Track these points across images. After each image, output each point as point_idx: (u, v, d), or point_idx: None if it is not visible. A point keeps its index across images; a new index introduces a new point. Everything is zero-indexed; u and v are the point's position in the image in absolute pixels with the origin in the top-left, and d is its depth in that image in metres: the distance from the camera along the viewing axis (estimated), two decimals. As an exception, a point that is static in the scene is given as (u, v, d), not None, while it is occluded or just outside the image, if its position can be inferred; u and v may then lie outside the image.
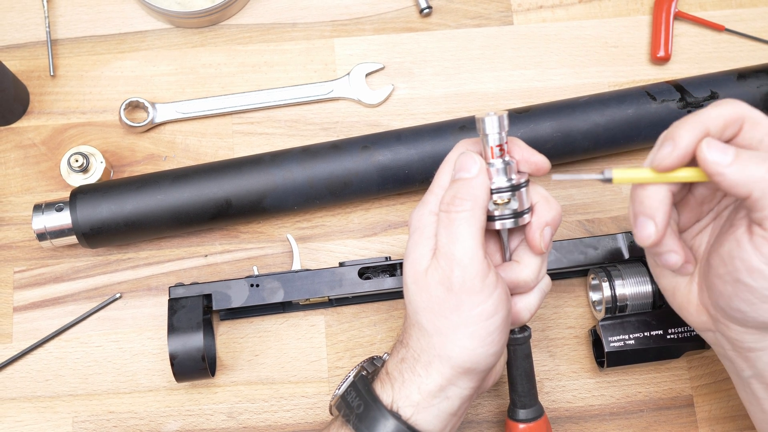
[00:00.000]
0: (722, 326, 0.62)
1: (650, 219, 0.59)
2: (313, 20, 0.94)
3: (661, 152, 0.58)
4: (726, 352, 0.64)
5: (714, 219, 0.65)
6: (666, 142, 0.58)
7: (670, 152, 0.57)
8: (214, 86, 0.92)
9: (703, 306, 0.63)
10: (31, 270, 0.86)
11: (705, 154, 0.56)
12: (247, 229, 0.87)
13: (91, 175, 0.86)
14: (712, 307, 0.62)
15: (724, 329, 0.62)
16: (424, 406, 0.62)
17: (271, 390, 0.83)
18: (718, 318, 0.62)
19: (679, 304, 0.66)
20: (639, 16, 0.96)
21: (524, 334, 0.71)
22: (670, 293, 0.66)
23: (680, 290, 0.65)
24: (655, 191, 0.59)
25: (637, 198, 0.60)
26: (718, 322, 0.62)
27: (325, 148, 0.83)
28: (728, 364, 0.66)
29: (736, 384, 0.67)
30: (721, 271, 0.58)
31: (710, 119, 0.57)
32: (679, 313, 0.67)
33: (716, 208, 0.65)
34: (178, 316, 0.77)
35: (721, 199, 0.64)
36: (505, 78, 0.93)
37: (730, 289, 0.58)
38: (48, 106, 0.91)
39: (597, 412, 0.82)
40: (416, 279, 0.63)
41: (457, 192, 0.62)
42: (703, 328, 0.65)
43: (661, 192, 0.59)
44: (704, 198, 0.64)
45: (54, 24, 0.93)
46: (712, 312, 0.62)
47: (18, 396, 0.82)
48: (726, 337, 0.62)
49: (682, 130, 0.57)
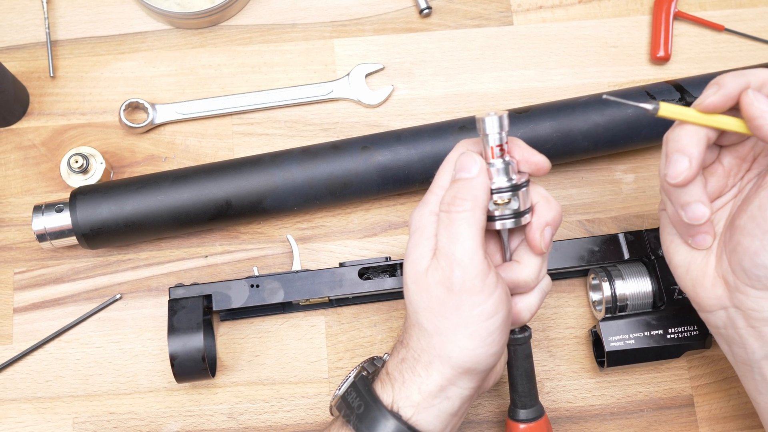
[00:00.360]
0: (739, 296, 0.62)
1: (685, 155, 0.59)
2: (312, 21, 0.94)
3: (707, 92, 0.59)
4: (738, 332, 0.63)
5: (735, 196, 0.65)
6: (711, 86, 0.60)
7: (715, 92, 0.59)
8: (213, 87, 0.92)
9: (720, 277, 0.63)
10: (31, 271, 0.86)
11: (750, 98, 0.58)
12: (247, 230, 0.87)
13: (91, 176, 0.86)
14: (731, 274, 0.62)
15: (742, 299, 0.62)
16: (425, 407, 0.62)
17: (272, 390, 0.83)
18: (737, 286, 0.62)
19: (693, 280, 0.66)
20: (639, 16, 0.96)
21: (525, 334, 0.71)
22: (684, 269, 0.66)
23: (695, 264, 0.65)
24: (694, 131, 0.60)
25: (674, 136, 0.61)
26: (736, 291, 0.62)
27: (325, 149, 0.83)
28: (738, 351, 0.65)
29: (743, 376, 0.67)
30: (751, 226, 0.60)
31: (752, 75, 0.60)
32: (690, 292, 0.66)
33: (739, 183, 0.65)
34: (179, 317, 0.77)
35: (745, 173, 0.65)
36: (504, 78, 0.93)
37: (758, 244, 0.59)
38: (48, 107, 0.91)
39: (597, 412, 0.82)
40: (416, 279, 0.63)
41: (457, 192, 0.62)
42: (716, 306, 0.64)
43: (699, 132, 0.60)
44: (731, 169, 0.65)
45: (54, 25, 0.93)
46: (730, 280, 0.62)
47: (18, 397, 0.82)
48: (742, 309, 0.62)
49: (728, 77, 0.59)
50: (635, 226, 0.88)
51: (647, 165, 0.90)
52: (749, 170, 0.65)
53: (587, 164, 0.90)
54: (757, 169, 0.64)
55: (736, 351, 0.66)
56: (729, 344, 0.66)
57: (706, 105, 0.59)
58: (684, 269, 0.66)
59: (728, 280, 0.63)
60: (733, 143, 0.64)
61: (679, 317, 0.79)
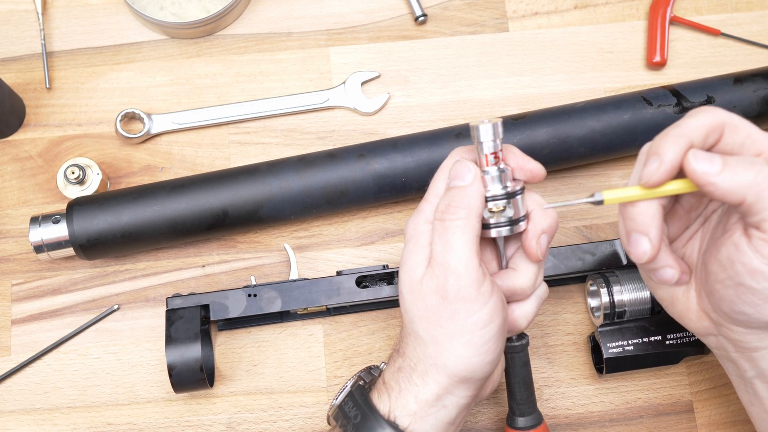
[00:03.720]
0: (725, 329, 0.62)
1: (644, 235, 0.59)
2: (308, 29, 0.94)
3: (649, 169, 0.57)
4: (729, 354, 0.64)
5: (702, 224, 0.65)
6: (651, 158, 0.58)
7: (657, 168, 0.57)
8: (210, 96, 0.92)
9: (703, 311, 0.63)
10: (28, 282, 0.86)
11: (693, 165, 0.56)
12: (245, 239, 0.87)
13: (88, 187, 0.86)
14: (713, 312, 0.62)
15: (727, 332, 0.62)
16: (422, 416, 0.62)
17: (270, 400, 0.82)
18: (721, 322, 0.61)
19: (679, 312, 0.66)
20: (634, 21, 0.96)
21: (522, 342, 0.71)
22: (669, 303, 0.66)
23: (678, 299, 0.65)
24: (647, 207, 0.59)
25: (628, 215, 0.60)
26: (720, 326, 0.62)
27: (322, 157, 0.83)
28: (730, 367, 0.66)
29: (738, 387, 0.67)
30: (722, 276, 0.58)
31: (691, 130, 0.57)
32: (679, 321, 0.66)
33: (704, 213, 0.65)
34: (176, 327, 0.77)
35: (707, 204, 0.64)
36: (500, 85, 0.93)
37: (733, 293, 0.58)
38: (44, 118, 0.91)
39: (596, 419, 0.82)
40: (412, 288, 0.62)
41: (451, 200, 0.62)
42: (705, 333, 0.64)
43: (652, 207, 0.59)
44: (692, 205, 0.64)
45: (49, 36, 0.93)
46: (713, 317, 0.62)
47: (17, 409, 0.82)
48: (729, 339, 0.62)
49: (666, 144, 0.57)
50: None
51: (644, 170, 0.90)
52: (711, 201, 0.64)
53: (584, 170, 0.90)
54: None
55: (729, 367, 0.66)
56: (722, 361, 0.67)
57: (652, 183, 0.57)
58: (669, 302, 0.66)
59: (711, 316, 0.62)
60: None
61: (678, 323, 0.78)
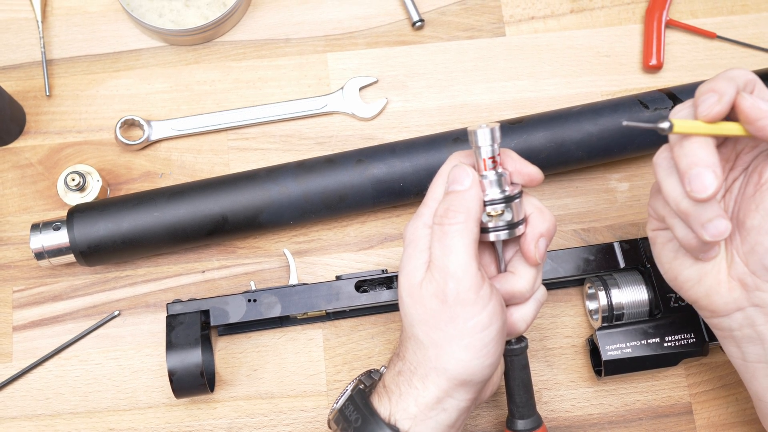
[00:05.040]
0: (760, 294, 0.61)
1: (708, 167, 0.57)
2: (306, 35, 0.95)
3: (708, 103, 0.58)
4: (756, 329, 0.63)
5: (723, 196, 0.64)
6: (708, 95, 0.58)
7: (718, 100, 0.57)
8: (208, 103, 0.92)
9: (736, 281, 0.62)
10: (29, 289, 0.86)
11: (749, 101, 0.58)
12: (244, 245, 0.88)
13: (88, 194, 0.86)
14: (750, 275, 0.61)
15: (764, 297, 0.61)
16: (422, 419, 0.63)
17: (271, 404, 0.83)
18: (758, 285, 0.61)
19: (706, 290, 0.64)
20: (630, 25, 0.96)
21: (521, 345, 0.71)
22: (694, 282, 0.65)
23: (707, 273, 0.64)
24: (705, 142, 0.58)
25: (686, 151, 0.58)
26: (755, 291, 0.61)
27: (320, 163, 0.83)
28: (752, 350, 0.64)
29: (754, 376, 0.65)
30: (766, 224, 0.59)
31: (738, 77, 0.59)
32: (703, 301, 0.65)
33: (724, 183, 0.64)
34: (177, 333, 0.78)
35: (728, 173, 0.64)
36: (498, 89, 0.93)
37: None
38: (44, 125, 0.91)
39: (596, 421, 0.82)
40: (411, 292, 0.63)
41: (449, 205, 0.62)
42: (733, 308, 0.63)
43: (710, 142, 0.58)
44: None
45: (49, 44, 0.94)
46: (749, 281, 0.62)
47: (18, 415, 0.82)
48: (763, 306, 0.61)
49: (720, 83, 0.58)
50: (630, 235, 0.88)
51: (642, 173, 0.90)
52: (732, 169, 0.64)
53: (582, 173, 0.90)
54: (740, 167, 0.64)
55: (750, 350, 0.64)
56: (742, 344, 0.65)
57: (713, 115, 0.57)
58: (694, 282, 0.65)
59: (746, 282, 0.62)
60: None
61: (676, 325, 0.79)
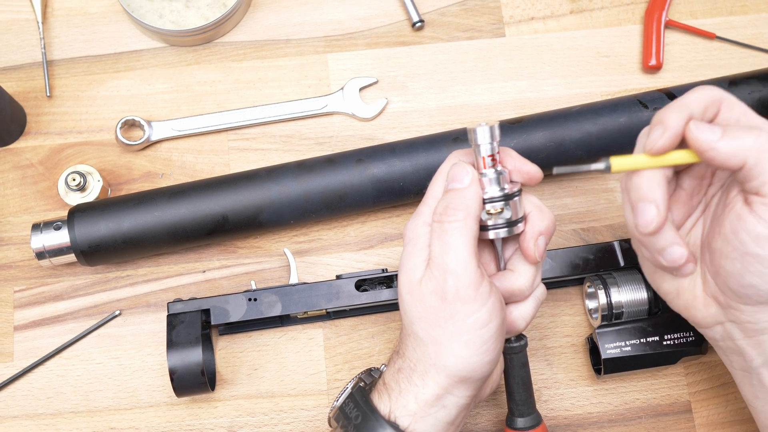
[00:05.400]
0: (733, 312, 0.62)
1: (651, 202, 0.59)
2: (306, 36, 0.95)
3: (653, 135, 0.59)
4: (735, 343, 0.64)
5: (703, 212, 0.66)
6: (655, 127, 0.60)
7: (662, 134, 0.59)
8: (209, 103, 0.93)
9: (710, 297, 0.63)
10: (30, 289, 0.86)
11: (695, 133, 0.58)
12: (244, 244, 0.88)
13: (89, 194, 0.86)
14: (721, 294, 0.62)
15: (736, 314, 0.62)
16: (422, 416, 0.63)
17: (271, 403, 0.83)
18: (729, 303, 0.62)
19: (684, 304, 0.66)
20: (630, 25, 0.96)
21: (520, 343, 0.71)
22: (674, 296, 0.66)
23: (684, 289, 0.65)
24: (652, 176, 0.60)
25: (634, 185, 0.60)
26: (729, 308, 0.62)
27: (320, 162, 0.83)
28: (735, 360, 0.65)
29: (741, 382, 0.67)
30: (728, 250, 0.59)
31: (692, 103, 0.60)
32: (684, 314, 0.67)
33: (704, 199, 0.66)
34: (177, 332, 0.78)
35: (707, 188, 0.65)
36: (497, 90, 0.93)
37: (740, 266, 0.59)
38: (45, 126, 0.92)
39: (595, 420, 0.83)
40: (411, 289, 0.63)
41: (449, 202, 0.62)
42: (712, 322, 0.64)
43: (657, 176, 0.60)
44: (693, 189, 0.65)
45: (49, 45, 0.94)
46: (721, 300, 0.62)
47: (20, 414, 0.83)
48: (737, 323, 0.62)
49: (668, 113, 0.59)
50: (630, 235, 0.88)
51: (641, 173, 0.90)
52: (711, 185, 0.65)
53: (581, 173, 0.90)
54: (718, 183, 0.65)
55: (734, 360, 0.66)
56: (727, 354, 0.66)
57: (657, 149, 0.59)
58: (674, 295, 0.66)
59: (719, 300, 0.63)
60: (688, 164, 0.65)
61: (675, 323, 0.79)
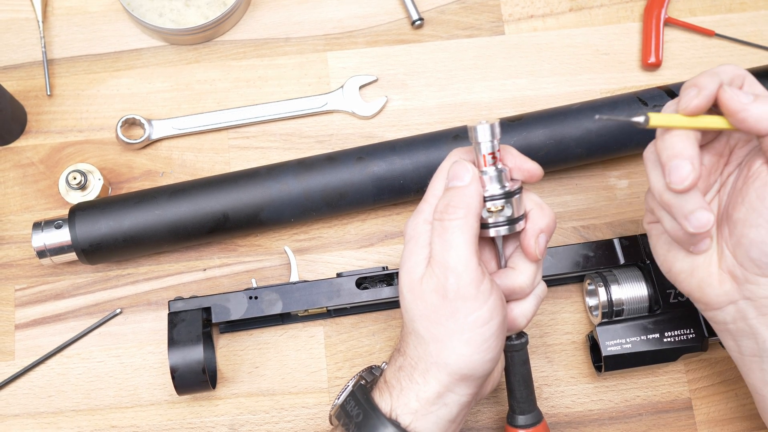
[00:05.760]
0: (750, 287, 0.62)
1: (685, 159, 0.59)
2: (306, 34, 0.95)
3: (687, 96, 0.60)
4: (748, 323, 0.63)
5: (718, 191, 0.66)
6: (689, 89, 0.60)
7: (696, 94, 0.60)
8: (209, 102, 0.93)
9: (726, 273, 0.63)
10: (31, 287, 0.86)
11: (729, 94, 0.59)
12: (245, 243, 0.88)
13: (90, 192, 0.86)
14: (739, 268, 0.62)
15: (753, 289, 0.62)
16: (423, 414, 0.63)
17: (272, 401, 0.83)
18: (747, 277, 0.62)
19: (698, 282, 0.65)
20: (629, 23, 0.97)
21: (521, 341, 0.71)
22: (687, 274, 0.66)
23: (698, 266, 0.65)
24: (686, 134, 0.60)
25: (667, 144, 0.60)
26: (745, 283, 0.62)
27: (321, 161, 0.83)
28: (746, 344, 0.65)
29: (750, 369, 0.66)
30: (753, 217, 0.60)
31: (723, 72, 0.61)
32: (696, 293, 0.66)
33: (719, 179, 0.66)
34: (178, 330, 0.78)
35: (724, 167, 0.66)
36: (497, 87, 0.93)
37: (764, 233, 0.60)
38: (45, 125, 0.92)
39: (596, 417, 0.83)
40: (412, 287, 0.63)
41: (450, 200, 0.63)
42: (725, 301, 0.64)
43: (690, 135, 0.60)
44: (712, 166, 0.65)
45: (50, 44, 0.94)
46: (738, 274, 0.62)
47: (21, 412, 0.83)
48: (752, 299, 0.62)
49: (702, 78, 0.60)
50: (630, 231, 0.88)
51: (641, 170, 0.91)
52: (727, 164, 0.66)
53: (581, 171, 0.91)
54: (735, 162, 0.65)
55: (745, 344, 0.65)
56: (737, 338, 0.66)
57: (692, 108, 0.60)
58: (687, 274, 0.66)
59: (736, 274, 0.63)
60: (708, 142, 0.65)
61: (676, 321, 0.79)
